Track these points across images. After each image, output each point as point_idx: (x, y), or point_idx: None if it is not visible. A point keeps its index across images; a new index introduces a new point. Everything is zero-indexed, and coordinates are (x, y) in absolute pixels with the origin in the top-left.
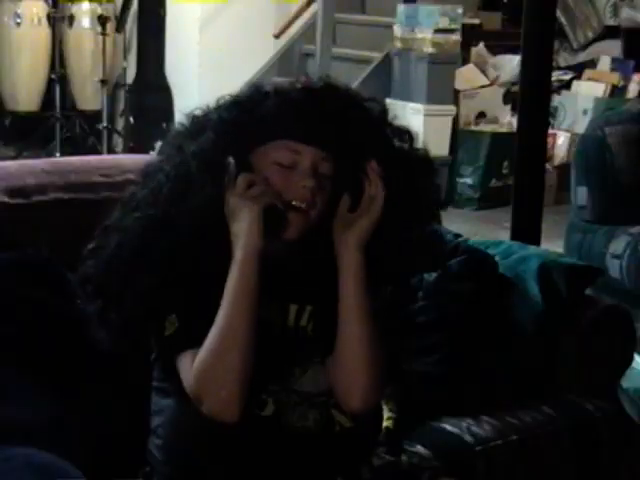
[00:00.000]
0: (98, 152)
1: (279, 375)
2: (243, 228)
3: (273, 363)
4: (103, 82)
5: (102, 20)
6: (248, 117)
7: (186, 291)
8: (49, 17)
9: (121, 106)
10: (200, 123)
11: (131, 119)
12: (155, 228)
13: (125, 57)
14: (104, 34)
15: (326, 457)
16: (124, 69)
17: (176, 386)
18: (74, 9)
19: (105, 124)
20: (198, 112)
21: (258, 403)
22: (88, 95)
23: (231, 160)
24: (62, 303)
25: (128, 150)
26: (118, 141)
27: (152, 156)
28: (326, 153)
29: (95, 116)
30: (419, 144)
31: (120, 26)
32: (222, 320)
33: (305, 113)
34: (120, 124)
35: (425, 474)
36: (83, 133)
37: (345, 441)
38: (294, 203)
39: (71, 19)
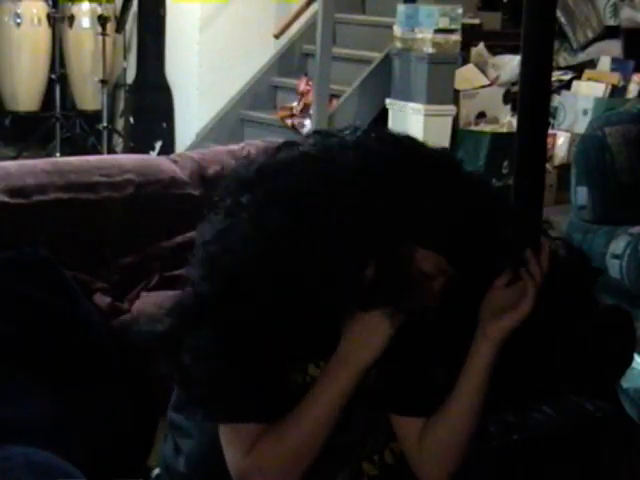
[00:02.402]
0: (98, 152)
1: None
2: (366, 342)
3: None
4: (103, 82)
5: (102, 20)
6: (411, 209)
7: (262, 358)
8: (49, 17)
9: (121, 106)
10: (324, 180)
11: (131, 119)
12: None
13: (125, 57)
14: (104, 34)
15: None
16: (124, 69)
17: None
18: (74, 9)
19: (105, 124)
20: (315, 152)
21: None
22: (88, 95)
23: (372, 266)
24: (61, 303)
25: (128, 150)
26: (118, 141)
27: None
28: (460, 272)
29: (95, 116)
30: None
31: (120, 26)
32: (311, 425)
33: (458, 233)
34: (120, 124)
35: None
36: (83, 133)
37: None
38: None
39: (71, 19)
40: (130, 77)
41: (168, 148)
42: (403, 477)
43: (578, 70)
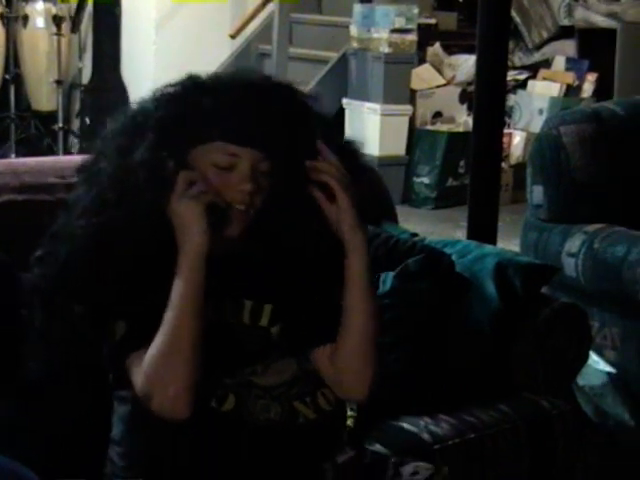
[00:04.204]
0: (54, 153)
1: (238, 370)
2: (186, 230)
3: (229, 360)
4: (58, 82)
5: (57, 20)
6: (186, 115)
7: (133, 295)
8: (2, 17)
9: (77, 107)
10: (137, 120)
11: (87, 120)
12: (104, 236)
13: (80, 57)
14: (59, 34)
15: (290, 450)
16: (80, 69)
17: (131, 392)
18: (28, 9)
19: (61, 125)
20: (135, 107)
21: (217, 398)
22: (43, 96)
23: (171, 163)
24: (14, 304)
25: (84, 151)
26: (74, 142)
27: (88, 155)
28: (264, 153)
29: (50, 117)
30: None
31: (75, 26)
32: (170, 322)
33: (244, 114)
34: (76, 125)
35: (390, 462)
36: (38, 134)
37: (309, 434)
38: (235, 206)
39: (25, 19)
40: (86, 77)
41: None
42: (340, 425)
43: (533, 70)
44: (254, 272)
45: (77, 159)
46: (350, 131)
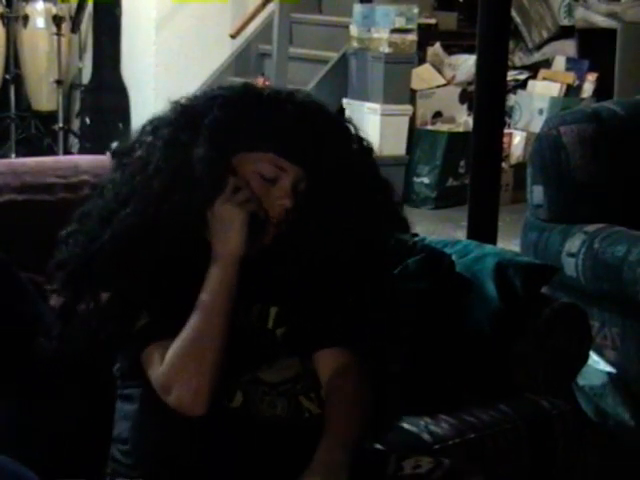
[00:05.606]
0: (54, 153)
1: (247, 369)
2: (227, 234)
3: (241, 359)
4: (59, 82)
5: (57, 20)
6: (242, 121)
7: (160, 288)
8: (3, 17)
9: (77, 107)
10: (189, 115)
11: (87, 120)
12: (144, 226)
13: (81, 57)
14: (59, 34)
15: (297, 445)
16: (80, 69)
17: (141, 388)
18: (28, 9)
19: (61, 125)
20: (185, 101)
21: (227, 395)
22: (43, 96)
23: (220, 163)
24: (18, 304)
25: (84, 151)
26: (74, 142)
27: (127, 141)
28: (306, 173)
29: (51, 117)
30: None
31: (75, 26)
32: (201, 317)
33: (300, 132)
34: (76, 125)
35: (391, 457)
36: (39, 134)
37: (315, 428)
38: (271, 219)
39: (25, 19)
40: (86, 77)
41: None
42: None
43: (533, 70)
44: (263, 276)
45: (77, 159)
46: None
